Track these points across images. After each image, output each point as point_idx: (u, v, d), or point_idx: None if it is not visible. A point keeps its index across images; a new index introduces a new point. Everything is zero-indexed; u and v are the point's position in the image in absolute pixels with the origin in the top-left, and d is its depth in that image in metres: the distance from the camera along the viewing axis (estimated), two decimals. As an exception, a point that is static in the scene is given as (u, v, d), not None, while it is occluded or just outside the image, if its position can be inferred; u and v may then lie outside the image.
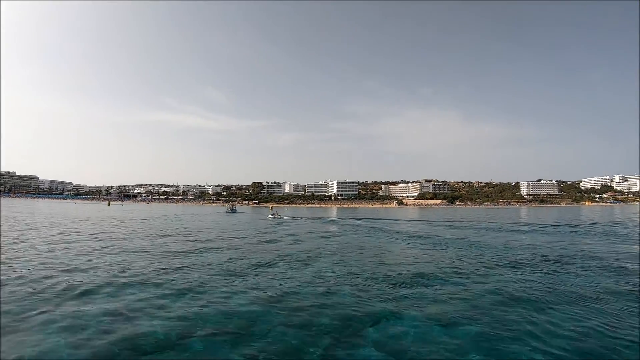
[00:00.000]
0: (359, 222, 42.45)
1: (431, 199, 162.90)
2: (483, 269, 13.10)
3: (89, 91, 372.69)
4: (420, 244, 20.89)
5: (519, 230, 30.21)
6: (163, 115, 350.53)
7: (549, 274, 12.26)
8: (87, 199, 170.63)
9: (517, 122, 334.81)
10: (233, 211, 71.94)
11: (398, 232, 28.21)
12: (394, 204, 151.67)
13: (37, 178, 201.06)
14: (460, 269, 13.00)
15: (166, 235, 24.45)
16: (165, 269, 12.38)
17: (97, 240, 20.10)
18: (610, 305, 8.60)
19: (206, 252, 16.81)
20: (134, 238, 21.88)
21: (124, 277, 11.02)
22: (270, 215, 51.76)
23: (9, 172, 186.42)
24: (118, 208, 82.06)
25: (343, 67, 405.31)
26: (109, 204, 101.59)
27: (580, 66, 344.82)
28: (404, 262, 14.67)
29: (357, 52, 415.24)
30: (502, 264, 14.05)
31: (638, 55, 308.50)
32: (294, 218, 50.41)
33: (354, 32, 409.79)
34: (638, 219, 44.41)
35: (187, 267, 12.86)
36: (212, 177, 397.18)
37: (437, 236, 24.80)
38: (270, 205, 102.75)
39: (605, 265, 13.87)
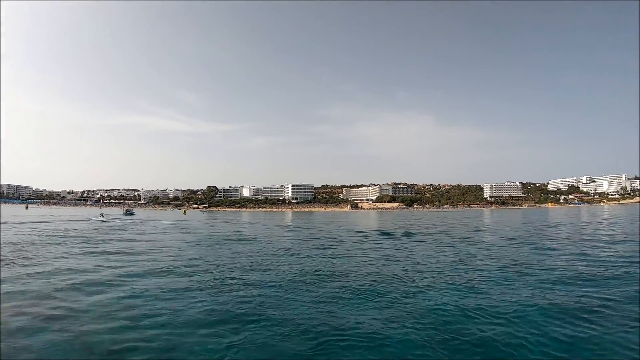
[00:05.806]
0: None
1: (389, 202, 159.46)
2: None
3: (65, 93, 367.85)
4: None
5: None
6: (135, 118, 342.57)
7: None
8: (37, 203, 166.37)
9: (489, 127, 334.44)
10: (130, 214, 70.56)
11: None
12: (347, 208, 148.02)
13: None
14: None
15: None
16: None
17: None
18: None
19: None
20: None
21: None
22: (100, 218, 48.57)
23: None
24: (32, 212, 78.04)
25: (319, 71, 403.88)
26: (26, 207, 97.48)
27: (553, 71, 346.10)
28: None
29: (334, 56, 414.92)
30: None
31: (613, 60, 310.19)
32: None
33: (331, 36, 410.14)
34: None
35: None
36: (184, 181, 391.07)
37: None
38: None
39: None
